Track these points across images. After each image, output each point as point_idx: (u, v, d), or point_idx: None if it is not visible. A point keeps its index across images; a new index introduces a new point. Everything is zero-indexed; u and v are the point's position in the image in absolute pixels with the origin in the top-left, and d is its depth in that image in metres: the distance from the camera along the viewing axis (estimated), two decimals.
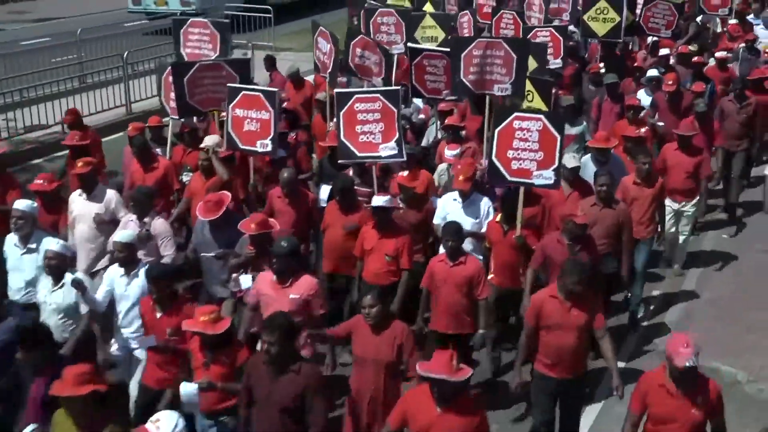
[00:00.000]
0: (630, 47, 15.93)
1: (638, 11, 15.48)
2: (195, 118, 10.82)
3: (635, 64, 14.32)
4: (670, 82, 12.04)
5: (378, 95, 8.85)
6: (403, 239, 8.10)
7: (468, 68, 10.17)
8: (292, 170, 9.01)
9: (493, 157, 8.32)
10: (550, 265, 7.80)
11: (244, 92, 9.35)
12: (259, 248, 7.56)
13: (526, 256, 8.15)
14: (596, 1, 14.30)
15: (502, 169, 8.28)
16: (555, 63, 12.88)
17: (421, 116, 12.35)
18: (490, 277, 8.23)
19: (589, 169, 9.78)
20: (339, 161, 9.25)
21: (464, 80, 10.25)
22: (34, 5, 30.35)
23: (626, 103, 11.56)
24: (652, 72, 12.98)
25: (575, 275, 6.57)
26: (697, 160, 10.22)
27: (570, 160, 9.04)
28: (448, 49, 10.96)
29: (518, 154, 8.16)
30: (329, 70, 11.72)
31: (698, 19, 17.78)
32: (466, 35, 14.22)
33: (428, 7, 15.81)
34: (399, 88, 9.46)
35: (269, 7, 22.88)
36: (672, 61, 14.34)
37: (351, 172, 9.31)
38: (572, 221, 7.70)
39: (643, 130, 10.76)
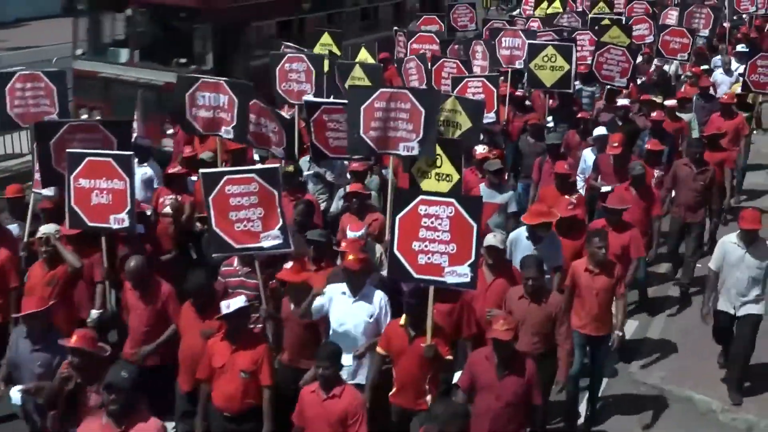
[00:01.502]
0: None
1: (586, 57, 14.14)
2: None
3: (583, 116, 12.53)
4: (615, 144, 10.36)
5: (253, 175, 7.31)
6: (262, 349, 6.50)
7: (369, 123, 8.58)
8: (139, 259, 7.37)
9: (395, 250, 6.64)
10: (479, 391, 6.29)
11: (89, 158, 7.82)
12: (83, 371, 5.92)
13: (437, 371, 6.57)
14: (543, 48, 12.86)
15: (406, 264, 6.60)
16: (488, 117, 11.39)
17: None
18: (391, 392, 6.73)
19: (521, 246, 8.17)
20: (213, 254, 7.75)
21: (364, 137, 8.61)
22: (10, 33, 30.29)
23: (554, 170, 9.85)
24: (600, 130, 11.34)
25: (456, 425, 5.06)
26: (626, 239, 8.66)
27: (492, 239, 7.47)
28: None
29: (426, 246, 6.54)
30: (233, 123, 9.79)
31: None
32: (414, 84, 12.98)
33: (363, 55, 14.29)
34: (277, 166, 7.87)
35: None
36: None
37: (235, 262, 7.67)
38: (494, 339, 6.12)
39: (573, 198, 9.14)
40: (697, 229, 10.46)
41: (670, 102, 12.83)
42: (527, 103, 13.48)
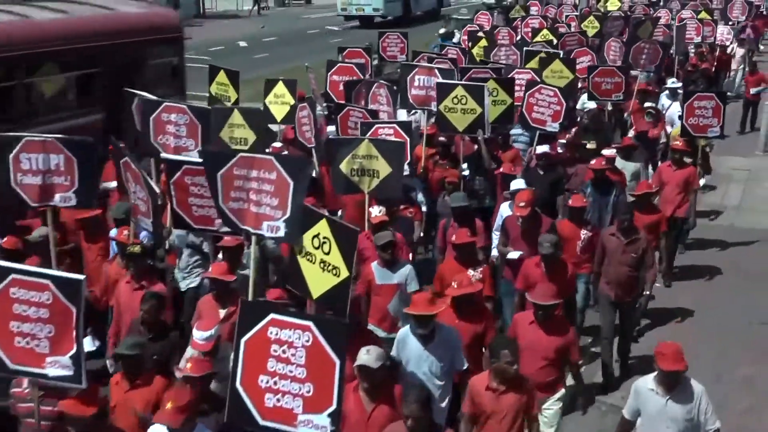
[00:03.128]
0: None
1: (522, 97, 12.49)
2: None
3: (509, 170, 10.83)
4: (522, 204, 8.78)
5: (48, 282, 5.51)
6: None
7: (228, 193, 6.90)
8: None
9: (237, 385, 5.12)
10: None
11: None
12: None
13: None
14: (452, 88, 11.35)
15: (250, 405, 5.08)
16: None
17: None
18: None
19: (408, 348, 6.61)
20: None
21: (224, 207, 6.94)
22: None
23: (454, 241, 8.23)
24: (517, 183, 9.77)
25: None
26: (562, 343, 6.96)
27: (364, 356, 5.77)
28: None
29: (275, 383, 5.05)
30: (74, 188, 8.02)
31: (584, 103, 14.96)
32: (308, 136, 11.39)
33: (280, 89, 12.59)
34: (82, 278, 5.78)
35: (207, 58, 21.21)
36: None
37: (25, 382, 5.99)
38: None
39: (477, 274, 7.63)
40: (631, 309, 8.94)
41: (609, 152, 11.25)
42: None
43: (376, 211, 8.64)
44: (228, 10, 45.75)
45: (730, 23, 24.98)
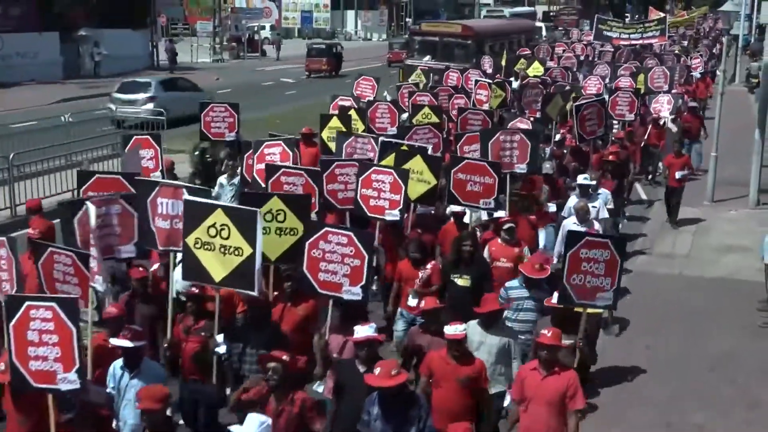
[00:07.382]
0: None
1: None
2: None
3: None
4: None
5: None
6: None
7: None
8: None
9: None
10: None
11: None
12: None
13: None
14: (210, 210, 7.38)
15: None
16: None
17: None
18: None
19: None
20: None
21: None
22: None
23: None
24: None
25: None
26: None
27: None
28: None
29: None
30: None
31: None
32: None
33: None
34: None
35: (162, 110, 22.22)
36: None
37: None
38: None
39: None
40: None
41: (453, 330, 6.91)
42: None
43: None
44: (183, 62, 47.40)
45: (661, 92, 21.41)
